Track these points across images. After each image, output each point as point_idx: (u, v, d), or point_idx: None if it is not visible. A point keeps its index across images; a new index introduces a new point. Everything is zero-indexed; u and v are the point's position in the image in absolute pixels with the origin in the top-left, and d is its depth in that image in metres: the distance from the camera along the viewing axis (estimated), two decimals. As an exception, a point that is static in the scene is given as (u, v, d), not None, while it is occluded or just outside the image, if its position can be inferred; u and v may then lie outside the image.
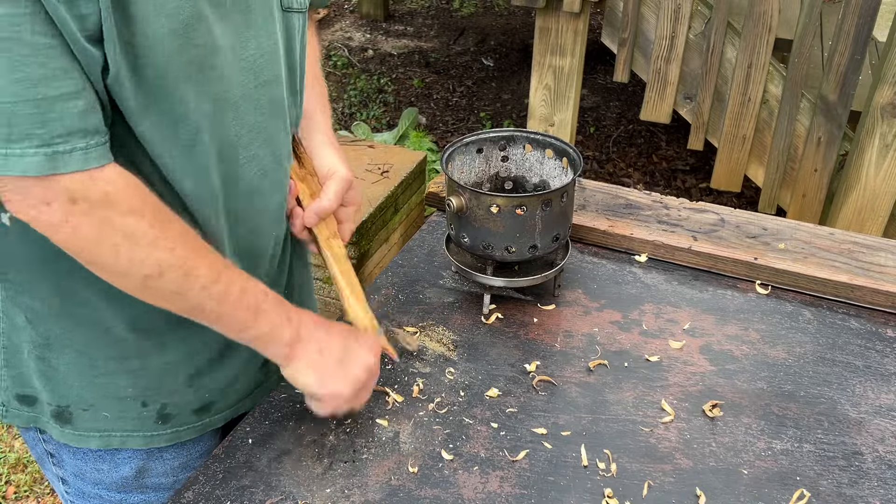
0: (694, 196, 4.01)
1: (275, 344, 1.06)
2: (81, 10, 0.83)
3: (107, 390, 1.13)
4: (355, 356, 1.11)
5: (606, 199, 1.69)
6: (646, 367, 1.32)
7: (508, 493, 1.10)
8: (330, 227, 1.23)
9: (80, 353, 1.10)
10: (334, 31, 5.91)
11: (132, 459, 1.20)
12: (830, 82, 2.83)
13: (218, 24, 0.94)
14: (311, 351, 1.08)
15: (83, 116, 0.86)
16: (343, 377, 1.10)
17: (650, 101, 3.22)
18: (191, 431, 1.21)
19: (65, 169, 0.85)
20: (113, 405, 1.15)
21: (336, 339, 1.11)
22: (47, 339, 1.10)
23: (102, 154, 0.89)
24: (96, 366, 1.11)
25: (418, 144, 3.94)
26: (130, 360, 1.12)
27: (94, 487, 1.23)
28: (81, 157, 0.86)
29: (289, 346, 1.07)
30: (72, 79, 0.85)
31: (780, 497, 1.10)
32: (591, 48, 4.12)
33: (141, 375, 1.13)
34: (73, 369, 1.11)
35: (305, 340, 1.08)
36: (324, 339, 1.10)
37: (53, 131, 0.84)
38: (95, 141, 0.87)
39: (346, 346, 1.11)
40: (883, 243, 1.57)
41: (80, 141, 0.86)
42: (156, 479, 1.23)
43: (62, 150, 0.85)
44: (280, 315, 1.06)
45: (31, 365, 1.13)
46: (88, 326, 1.08)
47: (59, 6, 0.81)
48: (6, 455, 2.68)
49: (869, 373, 1.32)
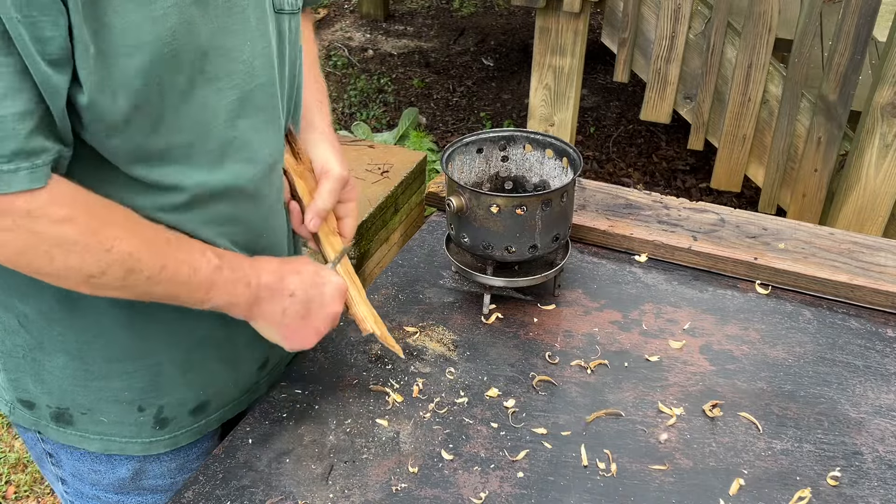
0: (694, 196, 4.01)
1: (234, 310, 1.07)
2: (44, 32, 0.82)
3: (102, 394, 1.13)
4: (317, 308, 1.13)
5: (606, 199, 1.69)
6: (646, 367, 1.32)
7: (508, 493, 1.10)
8: (329, 224, 1.23)
9: (73, 357, 1.10)
10: (334, 31, 5.91)
11: (129, 461, 1.20)
12: (830, 82, 2.83)
13: (207, 28, 0.93)
14: (273, 311, 1.09)
15: (30, 137, 0.85)
16: (307, 332, 1.13)
17: (650, 101, 3.22)
18: (188, 435, 1.21)
19: (8, 189, 0.85)
20: (109, 409, 1.15)
21: (298, 296, 1.11)
22: (41, 342, 1.10)
23: (47, 173, 0.88)
24: (90, 370, 1.11)
25: (418, 144, 3.94)
26: (124, 362, 1.12)
27: (92, 488, 1.23)
28: (27, 177, 0.86)
29: (249, 310, 1.08)
30: (22, 100, 0.84)
31: (780, 497, 1.10)
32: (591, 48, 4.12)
33: (135, 377, 1.13)
34: (68, 373, 1.11)
35: (266, 300, 1.08)
36: (286, 297, 1.10)
37: None
38: (42, 160, 0.87)
39: (308, 299, 1.12)
40: (883, 243, 1.57)
41: (24, 161, 0.85)
42: (153, 481, 1.23)
43: (6, 170, 0.84)
44: (236, 283, 1.05)
45: (27, 368, 1.13)
46: (80, 329, 1.08)
47: (19, 26, 0.80)
48: (6, 455, 2.68)
49: (869, 373, 1.32)
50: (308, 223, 1.19)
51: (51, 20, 0.81)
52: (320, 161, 1.21)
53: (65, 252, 0.91)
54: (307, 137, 1.23)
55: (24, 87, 0.84)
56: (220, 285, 1.03)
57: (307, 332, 1.13)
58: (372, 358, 1.33)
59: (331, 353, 1.34)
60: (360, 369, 1.31)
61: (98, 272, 0.93)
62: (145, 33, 0.87)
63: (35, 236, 0.89)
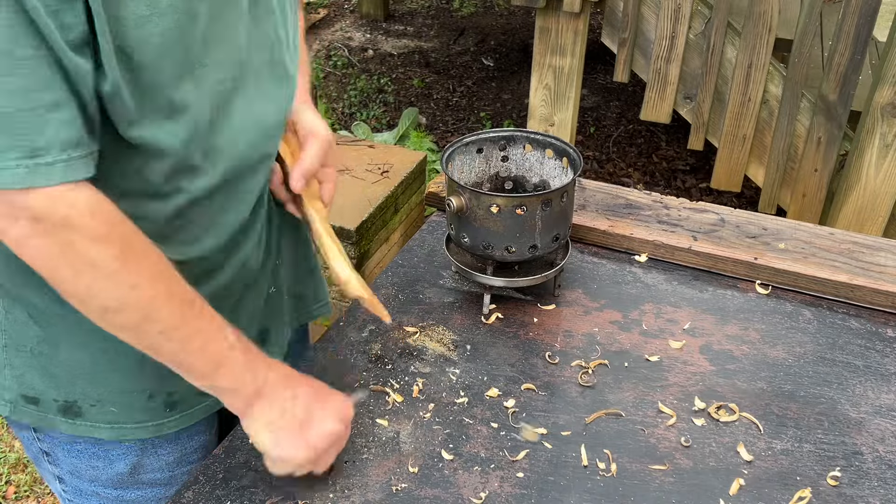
0: (694, 196, 4.01)
1: (233, 399, 1.04)
2: (65, 19, 0.81)
3: (112, 385, 1.13)
4: (318, 422, 1.06)
5: (606, 199, 1.69)
6: (646, 367, 1.32)
7: (508, 493, 1.10)
8: (312, 187, 1.21)
9: (82, 349, 1.10)
10: (334, 31, 5.91)
11: (126, 455, 1.20)
12: (830, 82, 2.83)
13: (211, 16, 0.94)
14: (271, 411, 1.04)
15: (65, 128, 0.85)
16: (301, 443, 1.05)
17: (650, 101, 3.22)
18: (196, 413, 1.20)
19: (46, 182, 0.84)
20: (120, 399, 1.15)
21: (301, 402, 1.06)
22: (51, 335, 1.10)
23: (85, 166, 0.87)
24: (98, 361, 1.11)
25: (418, 144, 3.94)
26: (133, 353, 1.11)
27: (90, 484, 1.23)
28: (63, 169, 0.85)
29: (248, 403, 1.03)
30: (54, 90, 0.83)
31: (780, 497, 1.10)
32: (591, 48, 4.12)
33: (145, 368, 1.12)
34: (77, 365, 1.12)
35: (268, 399, 1.04)
36: (288, 399, 1.05)
37: (35, 143, 0.83)
38: (79, 153, 0.86)
39: (310, 410, 1.06)
40: (883, 243, 1.57)
41: (61, 153, 0.84)
42: (151, 475, 1.23)
43: (43, 163, 0.83)
44: (244, 370, 1.02)
45: (35, 363, 1.13)
46: (89, 322, 1.08)
47: (43, 16, 0.80)
48: (6, 455, 2.68)
49: (869, 373, 1.32)
50: (295, 183, 1.16)
51: (69, 6, 0.81)
52: (306, 123, 1.20)
53: (94, 273, 0.89)
54: None
55: (56, 77, 0.83)
56: (228, 367, 1.00)
57: (300, 443, 1.05)
58: (372, 358, 1.33)
59: (331, 353, 1.34)
60: (360, 369, 1.31)
61: (116, 307, 0.92)
62: (153, 25, 0.87)
63: (69, 249, 0.88)
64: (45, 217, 0.86)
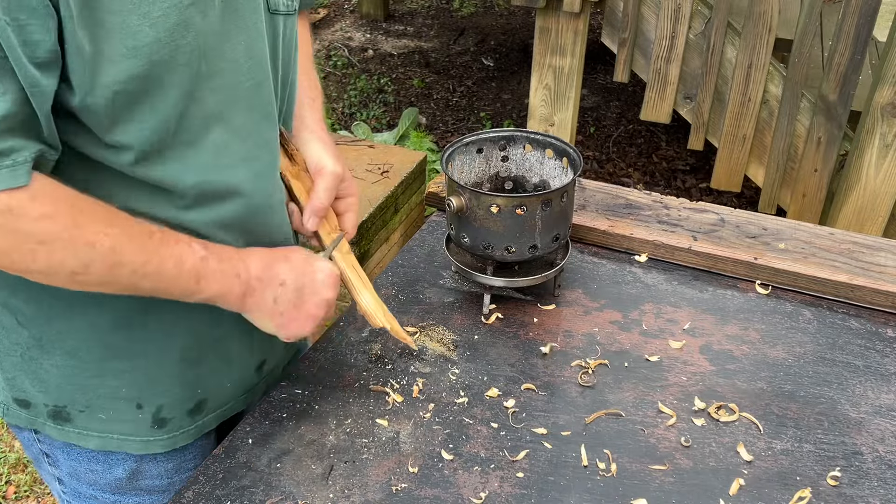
0: (694, 196, 4.01)
1: (225, 302, 1.07)
2: (32, 36, 0.82)
3: (99, 391, 1.13)
4: (311, 296, 1.12)
5: (606, 199, 1.69)
6: (646, 367, 1.32)
7: (508, 493, 1.10)
8: (330, 221, 1.23)
9: (70, 355, 1.10)
10: (334, 31, 5.91)
11: (125, 461, 1.20)
12: (830, 82, 2.83)
13: (205, 29, 0.94)
14: (265, 300, 1.09)
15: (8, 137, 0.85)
16: (302, 319, 1.12)
17: (650, 101, 3.22)
18: (186, 436, 1.21)
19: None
20: (108, 406, 1.15)
21: (289, 286, 1.10)
22: (39, 340, 1.10)
23: (28, 171, 0.88)
24: (87, 367, 1.11)
25: (418, 144, 3.94)
26: (120, 360, 1.12)
27: (89, 488, 1.23)
28: (8, 175, 0.85)
29: (241, 301, 1.07)
30: (5, 101, 0.84)
31: (780, 497, 1.10)
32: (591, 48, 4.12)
33: (133, 375, 1.13)
34: (65, 371, 1.12)
35: (258, 290, 1.08)
36: (276, 283, 1.09)
37: None
38: (23, 157, 0.87)
39: (299, 287, 1.11)
40: (883, 243, 1.57)
41: (5, 160, 0.85)
42: (150, 482, 1.23)
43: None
44: (225, 274, 1.04)
45: (24, 367, 1.13)
46: (77, 328, 1.08)
47: (7, 28, 0.80)
48: (6, 455, 2.68)
49: (869, 373, 1.32)
50: (306, 222, 1.19)
51: (39, 23, 0.82)
52: (314, 159, 1.21)
53: (47, 249, 0.90)
54: (299, 136, 1.23)
55: (10, 88, 0.84)
56: (209, 276, 1.02)
57: (302, 320, 1.12)
58: (372, 358, 1.33)
59: (331, 353, 1.34)
60: (360, 369, 1.31)
61: (81, 268, 0.93)
62: (144, 35, 0.87)
63: (17, 234, 0.89)
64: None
